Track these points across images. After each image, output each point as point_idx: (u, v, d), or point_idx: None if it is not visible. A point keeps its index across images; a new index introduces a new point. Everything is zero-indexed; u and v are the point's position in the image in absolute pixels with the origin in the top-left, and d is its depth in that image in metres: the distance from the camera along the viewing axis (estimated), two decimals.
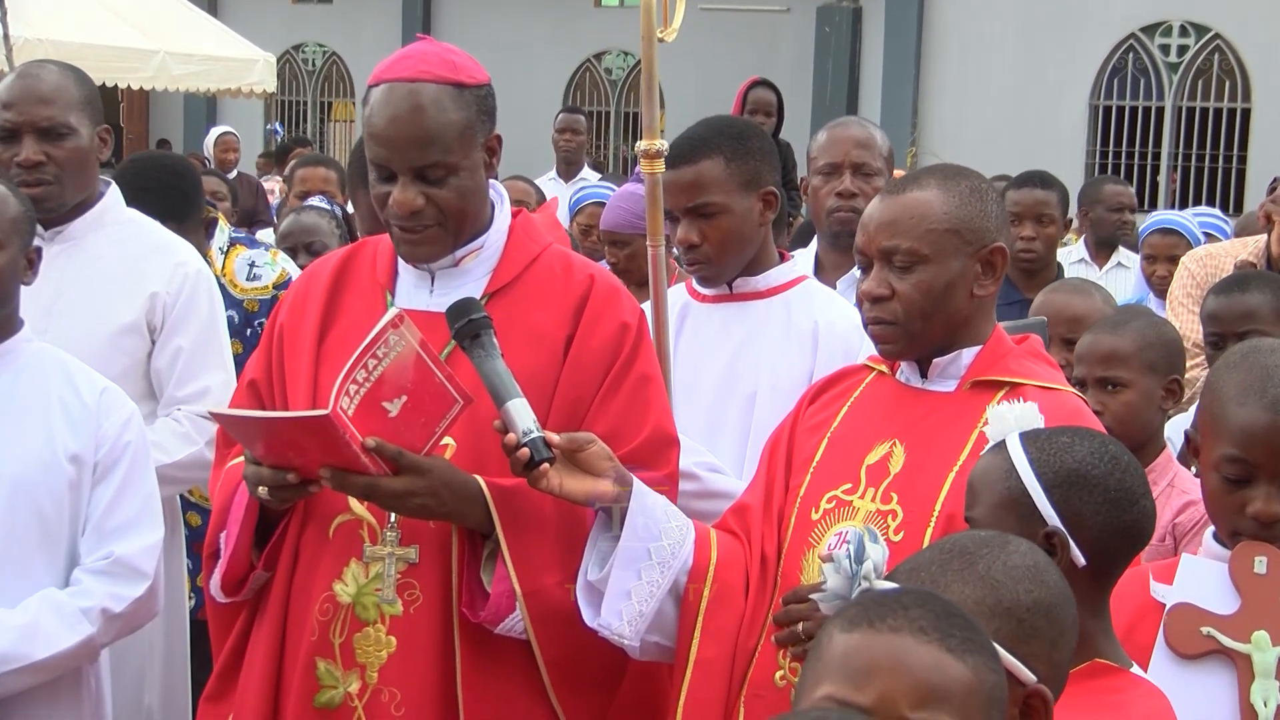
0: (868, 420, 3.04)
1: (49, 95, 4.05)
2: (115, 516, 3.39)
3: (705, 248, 3.74)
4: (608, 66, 23.49)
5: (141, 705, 4.14)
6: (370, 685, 3.00)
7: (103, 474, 3.40)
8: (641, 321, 3.18)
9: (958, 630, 1.89)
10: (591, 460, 2.90)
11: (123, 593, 3.36)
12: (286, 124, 24.57)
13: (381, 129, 3.00)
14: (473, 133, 3.02)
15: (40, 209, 4.05)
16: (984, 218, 2.95)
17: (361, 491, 2.90)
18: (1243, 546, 2.66)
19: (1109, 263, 8.17)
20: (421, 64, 3.03)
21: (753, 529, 3.08)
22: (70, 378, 3.44)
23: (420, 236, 3.04)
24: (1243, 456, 2.66)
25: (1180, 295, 5.33)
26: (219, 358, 4.22)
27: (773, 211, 3.80)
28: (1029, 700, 2.12)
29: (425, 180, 2.99)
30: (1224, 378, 2.73)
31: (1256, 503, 2.65)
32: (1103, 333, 3.83)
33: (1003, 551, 2.20)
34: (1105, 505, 2.46)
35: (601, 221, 5.76)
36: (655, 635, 2.98)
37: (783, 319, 3.76)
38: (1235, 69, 19.17)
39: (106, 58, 14.10)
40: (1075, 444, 2.50)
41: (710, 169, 3.73)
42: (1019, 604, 2.15)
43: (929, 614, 1.89)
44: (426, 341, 2.83)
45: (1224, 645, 2.63)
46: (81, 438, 3.38)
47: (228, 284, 4.96)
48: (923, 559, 2.22)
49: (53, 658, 3.29)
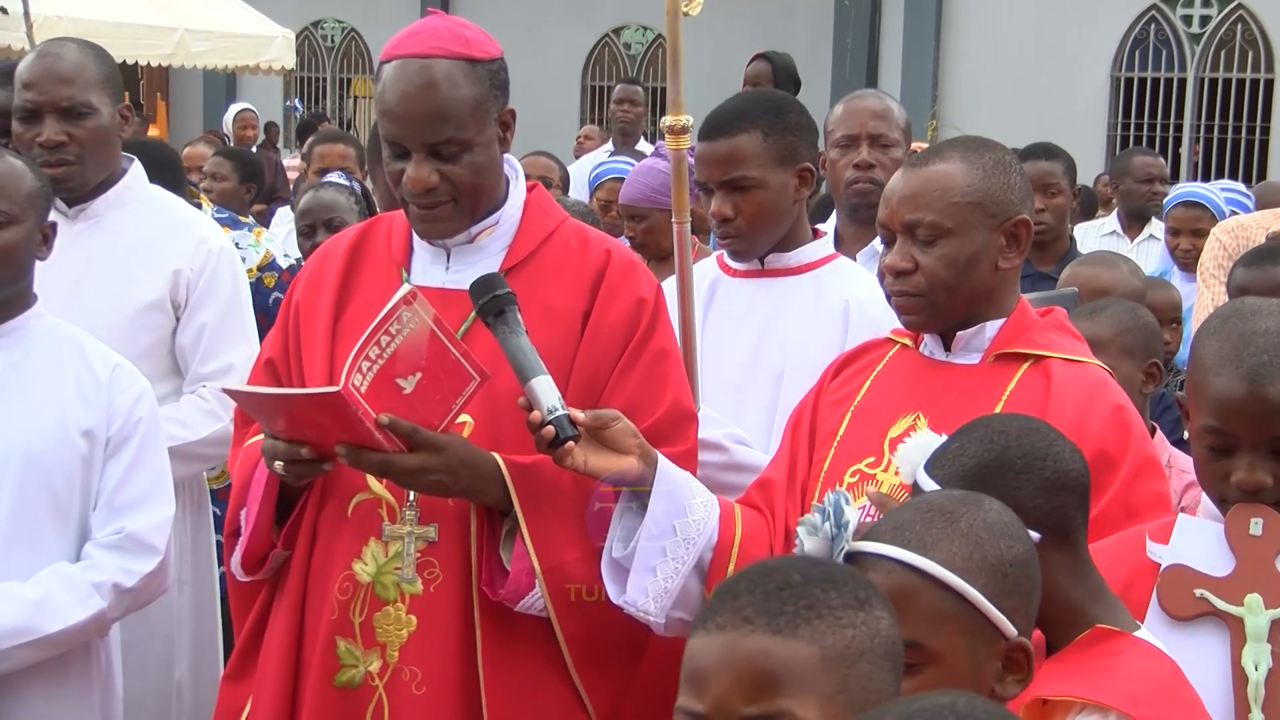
0: (891, 393, 3.02)
1: (69, 75, 4.05)
2: (127, 492, 3.39)
3: (739, 222, 3.71)
4: (626, 41, 23.43)
5: (171, 680, 4.16)
6: (391, 664, 3.00)
7: (115, 449, 3.40)
8: (659, 296, 3.16)
9: (789, 605, 1.84)
10: (616, 437, 2.88)
11: (134, 568, 3.37)
12: (306, 100, 24.58)
13: (394, 106, 2.98)
14: (486, 108, 3.01)
15: (62, 189, 4.06)
16: (1008, 190, 2.93)
17: (377, 468, 2.89)
18: (1238, 508, 2.64)
19: (1141, 235, 8.14)
20: (433, 39, 3.01)
21: (776, 504, 3.07)
22: (83, 353, 3.45)
23: (435, 213, 3.02)
24: (1221, 428, 2.62)
25: (1211, 267, 5.30)
26: (243, 333, 4.24)
27: (808, 188, 3.77)
28: (1011, 654, 2.16)
29: (439, 157, 2.98)
30: (1205, 344, 2.67)
31: (1239, 472, 2.62)
32: (1080, 320, 3.82)
33: (980, 509, 2.22)
34: (1020, 477, 2.39)
35: (620, 195, 5.76)
36: (680, 612, 2.96)
37: (813, 296, 3.73)
38: (1258, 39, 19.05)
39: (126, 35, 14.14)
40: (964, 444, 2.44)
41: (747, 142, 3.69)
42: (1002, 559, 2.18)
43: (756, 598, 1.85)
44: (441, 318, 2.81)
45: (1217, 608, 2.61)
46: (94, 413, 3.39)
47: None
48: (904, 517, 2.23)
49: (64, 631, 3.29)
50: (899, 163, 4.40)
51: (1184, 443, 4.31)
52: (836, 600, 1.87)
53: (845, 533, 2.29)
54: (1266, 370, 2.57)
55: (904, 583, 2.14)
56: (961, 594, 2.15)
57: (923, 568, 2.15)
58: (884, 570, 2.16)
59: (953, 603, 2.15)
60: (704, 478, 3.09)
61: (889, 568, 2.16)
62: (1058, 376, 2.89)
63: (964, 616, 2.15)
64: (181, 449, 4.04)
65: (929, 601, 2.14)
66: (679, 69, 3.55)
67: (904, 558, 2.16)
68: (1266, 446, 2.60)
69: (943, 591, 2.15)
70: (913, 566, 2.16)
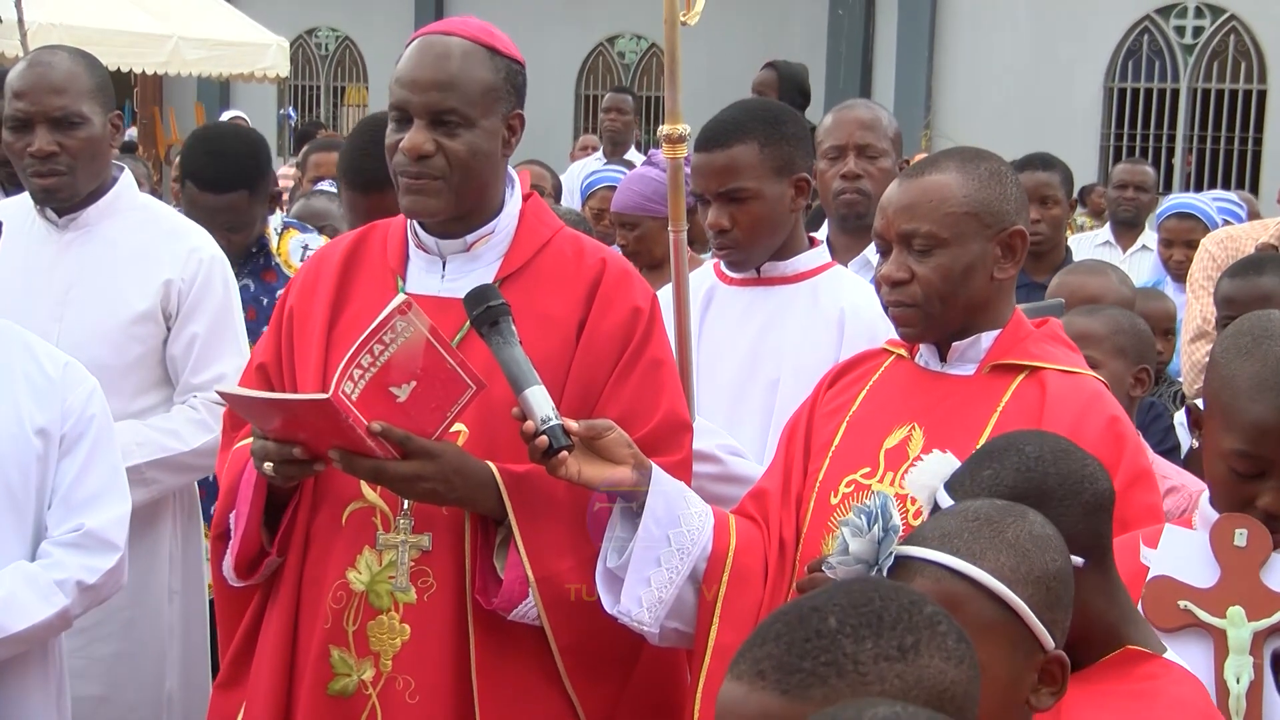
0: (887, 404, 3.02)
1: (61, 85, 4.04)
2: (83, 489, 3.37)
3: (735, 232, 3.71)
4: (620, 50, 23.42)
5: (162, 691, 4.14)
6: (384, 673, 2.99)
7: (69, 447, 3.37)
8: (654, 306, 3.16)
9: (807, 660, 1.68)
10: (610, 447, 2.88)
11: (95, 564, 3.35)
12: (300, 109, 24.55)
13: (407, 72, 3.02)
14: (496, 96, 3.02)
15: (53, 198, 4.05)
16: (1003, 200, 2.93)
17: (369, 474, 2.89)
18: (1224, 518, 2.64)
19: (1134, 245, 8.17)
20: (461, 25, 3.08)
21: (771, 514, 3.07)
22: (31, 352, 3.41)
23: (423, 184, 3.01)
24: (1254, 452, 2.61)
25: (1201, 278, 5.30)
26: (234, 344, 4.21)
27: (804, 197, 3.77)
28: (1047, 666, 2.15)
29: (440, 127, 2.99)
30: (1236, 365, 2.66)
31: (1266, 496, 2.62)
32: (1077, 315, 3.86)
33: (1025, 521, 2.20)
34: (1061, 504, 2.36)
35: (613, 204, 5.76)
36: (674, 621, 2.97)
37: (809, 304, 3.73)
38: (1251, 50, 19.07)
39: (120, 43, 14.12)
40: (999, 470, 2.40)
41: (743, 154, 3.69)
42: (1047, 572, 2.17)
43: (779, 648, 1.70)
44: (436, 327, 2.81)
45: (1200, 619, 2.62)
46: (47, 411, 3.36)
47: (282, 264, 4.99)
48: (951, 526, 2.21)
49: (29, 629, 3.27)
50: (887, 172, 4.43)
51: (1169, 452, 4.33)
52: (869, 652, 1.69)
53: (893, 536, 2.28)
54: None
55: (953, 590, 2.12)
56: (1009, 604, 2.13)
57: (974, 576, 2.13)
58: (932, 576, 2.15)
59: (999, 613, 2.13)
60: (697, 488, 3.08)
61: (938, 574, 2.15)
62: (1053, 388, 2.89)
63: (1009, 627, 2.13)
64: (173, 459, 4.03)
65: (976, 610, 2.12)
66: (677, 78, 3.54)
67: (954, 565, 2.14)
68: None
69: (990, 601, 2.13)
70: (963, 575, 2.14)
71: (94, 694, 3.99)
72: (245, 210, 4.80)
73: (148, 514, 4.04)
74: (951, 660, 1.74)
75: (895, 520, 2.30)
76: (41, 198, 4.07)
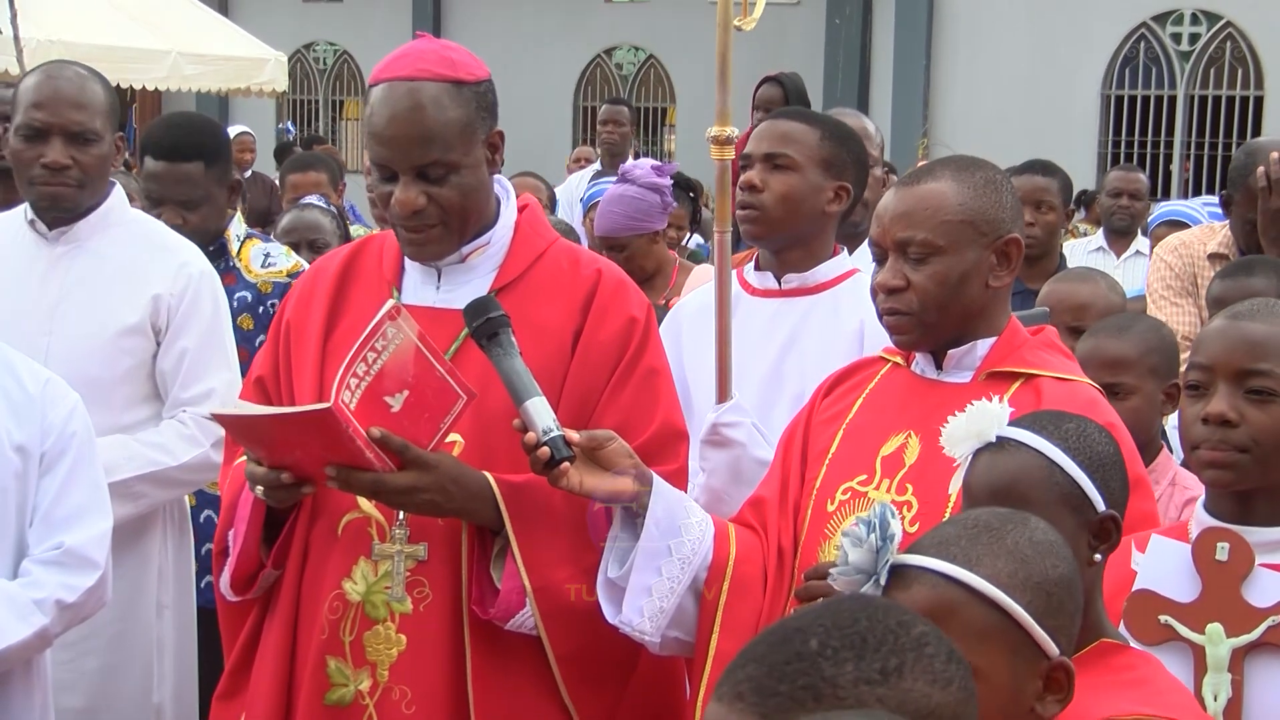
0: (883, 412, 3.03)
1: (81, 100, 4.05)
2: (64, 506, 3.32)
3: (765, 195, 3.76)
4: (618, 61, 23.47)
5: (151, 703, 4.13)
6: (381, 683, 2.99)
7: (50, 464, 3.32)
8: (650, 315, 3.16)
9: (785, 684, 1.62)
10: (611, 458, 2.88)
11: (74, 583, 3.29)
12: (298, 123, 24.59)
13: (381, 129, 2.98)
14: (473, 130, 3.01)
15: (57, 208, 4.05)
16: (999, 208, 2.94)
17: (368, 489, 2.89)
18: (1207, 532, 2.66)
19: (1128, 251, 8.18)
20: (419, 62, 3.01)
21: (769, 522, 3.07)
22: (12, 368, 3.36)
23: (424, 236, 3.02)
24: (1201, 361, 2.70)
25: (1160, 288, 5.24)
26: (224, 358, 4.19)
27: (839, 205, 3.82)
28: (1052, 673, 2.14)
29: (426, 179, 2.98)
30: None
31: (1209, 406, 2.68)
32: (1107, 338, 3.80)
33: (1026, 527, 2.21)
34: (1121, 479, 2.50)
35: (595, 228, 5.70)
36: (675, 630, 2.97)
37: (831, 316, 3.77)
38: (1247, 57, 19.11)
39: (119, 59, 14.08)
40: (1087, 428, 2.52)
41: (804, 133, 3.81)
42: (1048, 578, 2.17)
43: (760, 669, 1.64)
44: (425, 334, 2.81)
45: (1180, 634, 2.64)
46: (27, 428, 3.31)
47: (242, 269, 4.90)
48: (949, 534, 2.21)
49: (8, 649, 3.22)
50: (876, 180, 4.47)
51: None
52: (849, 675, 1.63)
53: (891, 545, 2.28)
54: (1249, 312, 2.71)
55: (948, 597, 2.13)
56: (1006, 610, 2.13)
57: (967, 582, 2.13)
58: (928, 584, 2.15)
59: (996, 619, 2.13)
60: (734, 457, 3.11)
61: (933, 581, 2.15)
62: (1049, 395, 2.89)
63: (1007, 633, 2.13)
64: (161, 474, 4.02)
65: (972, 617, 2.12)
66: (728, 81, 3.56)
67: (949, 571, 2.15)
68: (1239, 384, 2.67)
69: (987, 607, 2.13)
70: (957, 581, 2.14)
71: (80, 707, 3.96)
72: (201, 184, 4.71)
73: (136, 528, 4.03)
74: (938, 683, 1.67)
75: (893, 529, 2.31)
76: (45, 205, 4.07)
